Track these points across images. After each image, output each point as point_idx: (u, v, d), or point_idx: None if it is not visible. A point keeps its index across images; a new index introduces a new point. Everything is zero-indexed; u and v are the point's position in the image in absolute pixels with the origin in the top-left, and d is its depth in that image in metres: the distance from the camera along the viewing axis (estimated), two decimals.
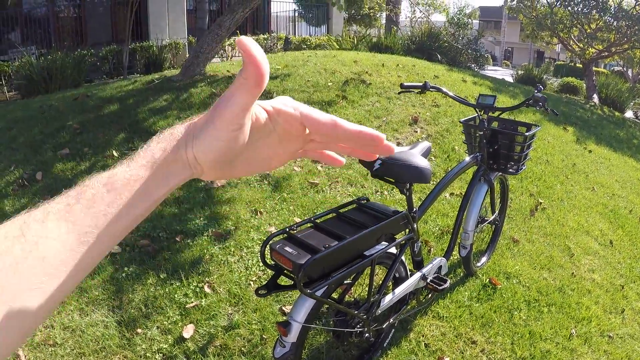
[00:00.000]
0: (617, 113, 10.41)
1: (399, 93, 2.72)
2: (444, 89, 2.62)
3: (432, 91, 2.61)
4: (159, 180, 0.42)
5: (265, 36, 13.51)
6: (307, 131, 0.49)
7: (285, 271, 1.57)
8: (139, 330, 2.35)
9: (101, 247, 0.40)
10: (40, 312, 0.37)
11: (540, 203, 4.12)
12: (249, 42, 0.39)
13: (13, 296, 0.35)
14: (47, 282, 0.37)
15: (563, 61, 27.95)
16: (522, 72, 13.14)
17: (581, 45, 12.28)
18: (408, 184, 1.99)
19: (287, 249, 1.52)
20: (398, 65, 7.24)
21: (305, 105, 0.47)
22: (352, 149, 0.50)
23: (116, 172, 0.42)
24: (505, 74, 16.90)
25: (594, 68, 12.62)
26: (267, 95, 5.35)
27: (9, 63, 8.36)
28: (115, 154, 4.11)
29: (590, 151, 6.01)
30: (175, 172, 0.43)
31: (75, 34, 10.58)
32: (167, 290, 2.59)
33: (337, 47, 10.72)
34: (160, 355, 2.24)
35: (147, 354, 2.23)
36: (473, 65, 12.26)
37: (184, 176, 0.44)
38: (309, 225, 1.72)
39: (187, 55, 8.25)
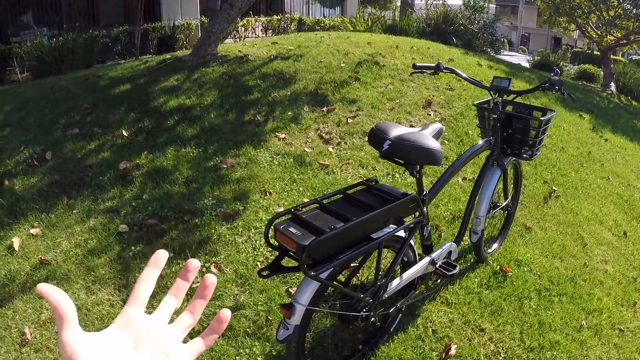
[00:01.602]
0: (634, 102, 10.19)
1: (412, 74, 2.66)
2: (458, 71, 2.56)
3: (445, 72, 2.55)
4: None
5: (279, 17, 13.40)
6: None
7: (289, 252, 1.54)
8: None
9: None
10: None
11: (554, 191, 4.04)
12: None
13: None
14: None
15: (580, 48, 27.42)
16: (539, 57, 12.89)
17: (599, 33, 12.02)
18: (418, 166, 1.93)
19: (291, 229, 1.48)
20: (412, 47, 7.13)
21: None
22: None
23: None
24: (521, 59, 16.64)
25: (611, 56, 12.35)
26: (281, 76, 5.29)
27: (21, 45, 8.36)
28: (125, 133, 4.09)
29: (606, 140, 5.90)
30: None
31: (87, 15, 10.55)
32: (173, 269, 2.58)
33: (351, 28, 10.58)
34: None
35: None
36: (489, 49, 12.05)
37: None
38: (315, 206, 1.69)
39: (200, 36, 8.20)
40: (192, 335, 0.57)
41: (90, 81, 5.56)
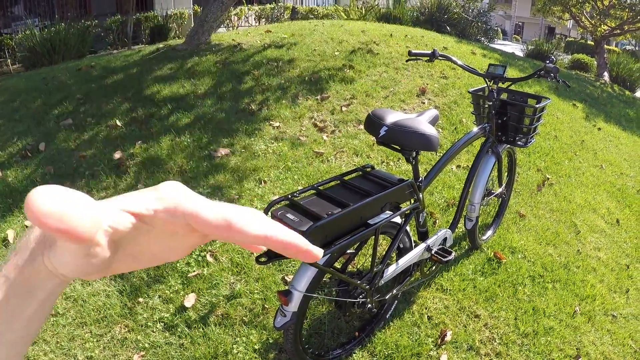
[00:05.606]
0: (627, 92, 10.24)
1: (407, 61, 2.65)
2: (454, 58, 2.55)
3: (440, 59, 2.54)
4: (21, 297, 0.36)
5: (272, 6, 13.31)
6: None
7: None
8: (141, 300, 2.34)
9: None
10: None
11: (548, 178, 4.06)
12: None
13: None
14: None
15: (574, 38, 27.49)
16: (532, 47, 12.90)
17: (593, 22, 12.03)
18: (414, 152, 1.93)
19: (288, 215, 1.48)
20: (406, 36, 7.11)
21: (194, 197, 0.39)
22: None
23: None
24: (515, 48, 16.62)
25: (605, 46, 12.37)
26: (275, 65, 5.27)
27: (12, 36, 8.26)
28: (118, 123, 4.06)
29: (599, 129, 5.92)
30: (38, 284, 0.37)
31: (79, 5, 10.43)
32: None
33: (345, 17, 10.55)
34: (162, 324, 2.23)
35: (149, 323, 2.22)
36: (482, 38, 12.05)
37: (52, 285, 0.37)
38: (312, 192, 1.68)
39: (192, 25, 8.15)
40: None
41: (83, 71, 5.51)
